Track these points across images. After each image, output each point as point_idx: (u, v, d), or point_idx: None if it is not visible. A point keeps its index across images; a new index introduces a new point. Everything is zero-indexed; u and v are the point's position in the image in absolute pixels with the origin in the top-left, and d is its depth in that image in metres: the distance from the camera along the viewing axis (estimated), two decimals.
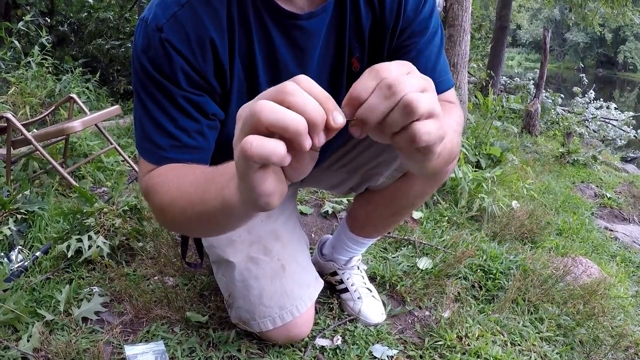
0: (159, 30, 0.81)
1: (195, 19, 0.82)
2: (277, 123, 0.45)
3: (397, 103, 0.47)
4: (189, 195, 0.72)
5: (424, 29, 0.94)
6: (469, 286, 1.67)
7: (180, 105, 0.84)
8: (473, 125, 3.93)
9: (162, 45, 0.81)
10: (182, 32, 0.81)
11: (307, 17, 0.87)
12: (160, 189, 0.81)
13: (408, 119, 0.48)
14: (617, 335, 1.50)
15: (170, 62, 0.82)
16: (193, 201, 0.70)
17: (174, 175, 0.81)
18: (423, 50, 0.95)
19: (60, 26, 5.86)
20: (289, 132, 0.45)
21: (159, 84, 0.83)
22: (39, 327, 1.23)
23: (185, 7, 0.81)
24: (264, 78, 0.92)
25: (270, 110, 0.45)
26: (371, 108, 0.48)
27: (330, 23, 0.90)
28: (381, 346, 1.31)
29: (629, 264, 2.36)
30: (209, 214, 0.67)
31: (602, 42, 36.84)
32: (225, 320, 1.34)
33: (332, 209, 2.20)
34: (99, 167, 2.68)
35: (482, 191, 2.49)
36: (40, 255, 1.60)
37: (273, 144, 0.45)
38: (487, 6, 12.33)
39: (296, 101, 0.45)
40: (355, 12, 0.91)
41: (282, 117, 0.45)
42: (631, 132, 7.87)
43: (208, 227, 0.76)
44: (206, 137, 0.88)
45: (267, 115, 0.45)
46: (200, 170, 0.77)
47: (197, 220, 0.73)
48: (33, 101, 3.74)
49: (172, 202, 0.76)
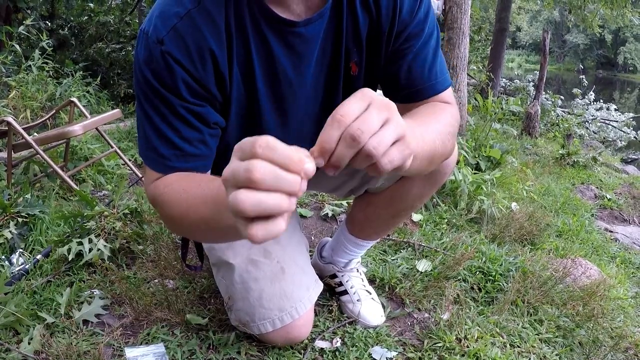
0: (160, 42, 0.82)
1: (195, 31, 0.83)
2: (262, 213, 0.48)
3: (360, 151, 0.54)
4: (202, 214, 0.75)
5: (420, 32, 0.95)
6: (468, 288, 1.67)
7: (182, 115, 0.86)
8: (473, 127, 3.93)
9: (163, 57, 0.82)
10: (182, 44, 0.83)
11: (304, 23, 0.88)
12: (169, 200, 0.84)
13: (371, 161, 0.55)
14: (617, 336, 1.50)
15: (171, 73, 0.83)
16: (206, 219, 0.74)
17: (182, 189, 0.83)
18: (419, 53, 0.96)
19: (60, 30, 5.89)
20: (275, 213, 0.49)
21: (161, 95, 0.85)
22: (39, 330, 1.24)
23: (185, 19, 0.83)
24: (262, 85, 0.93)
25: (252, 204, 0.48)
26: (339, 157, 0.54)
27: (327, 28, 0.91)
28: (380, 348, 1.32)
29: (629, 265, 2.36)
30: (222, 231, 0.72)
31: (602, 44, 36.88)
32: (225, 322, 1.34)
33: (332, 211, 2.21)
34: (99, 171, 2.69)
35: (481, 193, 2.50)
36: (41, 258, 1.61)
37: (271, 222, 0.49)
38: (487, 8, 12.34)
39: (268, 186, 0.48)
40: (353, 17, 0.92)
41: (265, 207, 0.48)
42: (631, 134, 7.87)
43: (222, 239, 0.83)
44: (208, 145, 0.91)
45: (251, 208, 0.48)
46: (207, 185, 0.78)
47: (211, 234, 0.79)
48: (34, 105, 3.76)
49: (184, 216, 0.80)
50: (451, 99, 1.01)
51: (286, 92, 0.96)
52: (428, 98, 0.99)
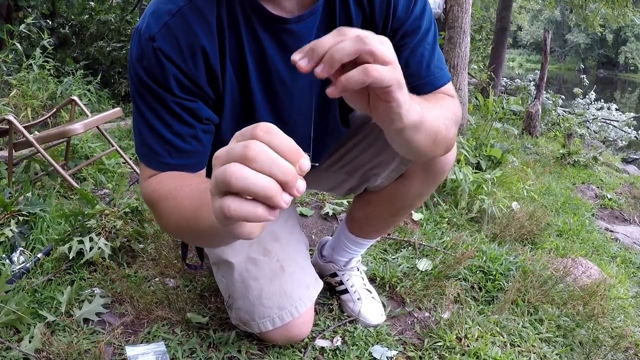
0: (152, 39, 0.83)
1: (186, 28, 0.84)
2: (247, 189, 0.46)
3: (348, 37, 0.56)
4: (184, 210, 0.75)
5: (417, 28, 0.95)
6: (468, 287, 1.68)
7: (174, 111, 0.87)
8: (473, 126, 3.92)
9: (154, 54, 0.83)
10: (173, 40, 0.84)
11: (295, 20, 0.88)
12: (159, 198, 0.85)
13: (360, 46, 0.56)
14: (617, 336, 1.50)
15: (162, 70, 0.84)
16: (187, 216, 0.74)
17: (171, 186, 0.84)
18: (417, 49, 0.97)
19: (61, 28, 5.88)
20: (260, 197, 0.46)
21: (153, 91, 0.86)
22: (40, 328, 1.24)
23: (176, 16, 0.84)
24: (256, 82, 0.94)
25: (239, 177, 0.46)
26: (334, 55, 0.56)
27: (319, 25, 0.91)
28: (381, 347, 1.32)
29: (630, 265, 2.36)
30: (201, 231, 0.71)
31: (603, 43, 36.83)
32: (225, 321, 1.35)
33: (332, 210, 2.21)
34: (100, 169, 2.69)
35: (482, 193, 2.50)
36: (41, 256, 1.61)
37: (250, 207, 0.47)
38: (488, 8, 12.33)
39: (262, 167, 0.46)
40: (346, 13, 0.92)
41: (251, 183, 0.46)
42: (632, 133, 7.87)
43: (202, 241, 0.82)
44: (201, 141, 0.91)
45: (236, 183, 0.46)
46: (196, 185, 0.79)
47: (190, 233, 0.77)
48: (34, 103, 3.76)
49: (170, 213, 0.80)
50: (452, 93, 1.02)
51: (279, 89, 0.96)
52: (428, 93, 0.99)
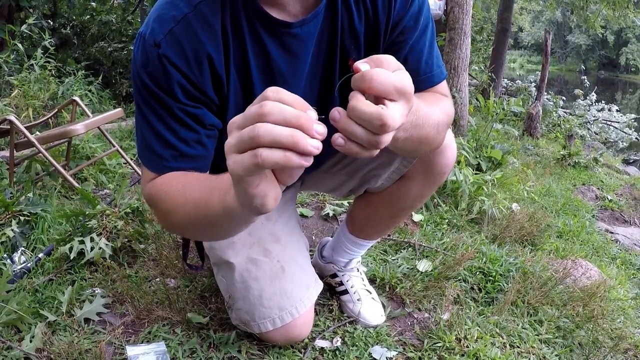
0: (157, 46, 0.83)
1: (191, 35, 0.84)
2: (274, 140, 0.50)
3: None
4: (194, 201, 0.76)
5: (415, 24, 0.96)
6: (468, 288, 1.68)
7: (179, 117, 0.87)
8: (474, 128, 3.93)
9: (159, 60, 0.84)
10: (178, 47, 0.84)
11: (299, 24, 0.89)
12: (164, 196, 0.85)
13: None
14: (617, 337, 1.51)
15: (167, 76, 0.84)
16: (198, 206, 0.75)
17: (179, 183, 0.84)
18: (415, 46, 0.97)
19: (63, 29, 5.88)
20: (289, 144, 0.50)
21: (158, 97, 0.86)
22: (41, 328, 1.24)
23: (181, 23, 0.84)
24: (259, 86, 0.94)
25: (266, 130, 0.50)
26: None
27: (322, 27, 0.92)
28: (380, 348, 1.32)
29: (630, 266, 2.36)
30: (213, 217, 0.72)
31: (604, 44, 36.83)
32: (225, 321, 1.35)
33: (332, 211, 2.21)
34: (101, 170, 2.70)
35: (482, 194, 2.50)
36: (43, 256, 1.62)
37: (281, 153, 0.51)
38: (489, 9, 12.34)
39: (276, 119, 0.51)
40: (348, 14, 0.93)
41: (278, 134, 0.50)
42: (633, 135, 7.87)
43: (211, 231, 0.81)
44: (205, 146, 0.92)
45: (264, 135, 0.50)
46: (204, 177, 0.81)
47: (201, 223, 0.78)
48: (36, 104, 3.76)
49: (177, 207, 0.81)
50: (446, 92, 1.02)
51: None
52: (424, 90, 0.99)
